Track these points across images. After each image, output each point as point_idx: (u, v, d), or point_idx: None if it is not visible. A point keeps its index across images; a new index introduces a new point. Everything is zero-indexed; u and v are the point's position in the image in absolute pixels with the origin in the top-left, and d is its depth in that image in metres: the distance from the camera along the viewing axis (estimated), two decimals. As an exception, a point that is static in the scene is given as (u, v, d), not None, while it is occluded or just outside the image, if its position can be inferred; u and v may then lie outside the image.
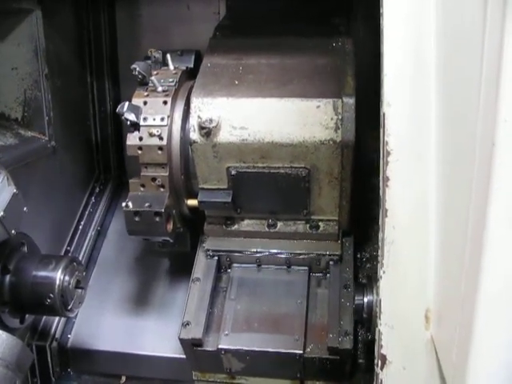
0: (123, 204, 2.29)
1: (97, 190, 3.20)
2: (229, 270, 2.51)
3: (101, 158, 3.25)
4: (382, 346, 1.32)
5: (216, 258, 2.49)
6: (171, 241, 2.43)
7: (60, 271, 2.17)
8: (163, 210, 2.27)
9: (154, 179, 2.33)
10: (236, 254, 2.48)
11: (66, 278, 2.18)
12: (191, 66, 2.60)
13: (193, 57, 2.63)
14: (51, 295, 2.14)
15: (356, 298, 1.88)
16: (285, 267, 2.47)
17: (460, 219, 1.11)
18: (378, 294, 1.34)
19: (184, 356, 2.35)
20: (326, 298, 2.35)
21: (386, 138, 1.28)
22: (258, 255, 2.46)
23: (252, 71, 2.38)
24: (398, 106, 1.29)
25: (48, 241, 2.73)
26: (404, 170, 1.29)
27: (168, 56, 2.48)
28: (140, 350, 2.62)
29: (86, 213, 3.08)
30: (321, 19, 2.70)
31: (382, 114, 1.32)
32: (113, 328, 2.70)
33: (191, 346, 2.28)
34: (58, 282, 2.15)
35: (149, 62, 2.49)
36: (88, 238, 3.01)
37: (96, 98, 3.17)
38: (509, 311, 1.02)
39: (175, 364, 2.58)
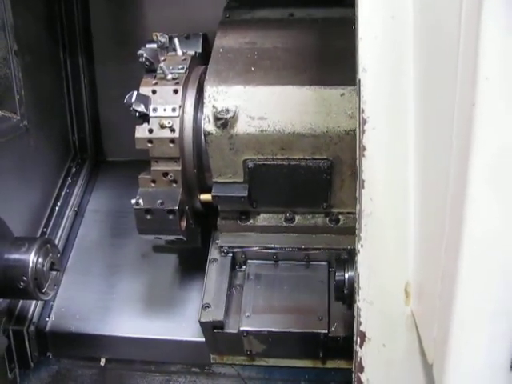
0: (132, 201, 2.18)
1: (73, 169, 3.11)
2: (243, 267, 2.45)
3: (76, 136, 3.15)
4: (360, 323, 1.28)
5: (230, 254, 2.42)
6: (184, 239, 2.33)
7: (33, 253, 2.10)
8: (177, 208, 2.16)
9: (165, 174, 2.21)
10: (252, 250, 2.41)
11: (40, 260, 2.12)
12: (199, 50, 2.44)
13: (200, 40, 2.46)
14: (24, 278, 2.08)
15: (337, 273, 1.84)
16: (303, 262, 2.40)
17: (439, 188, 1.06)
18: (356, 269, 1.29)
19: (161, 337, 2.31)
20: None
21: (361, 106, 1.22)
22: (274, 251, 2.40)
23: (268, 57, 2.26)
24: (373, 72, 1.23)
25: (23, 223, 2.65)
26: (381, 139, 1.23)
27: (176, 40, 2.32)
28: (120, 332, 2.56)
29: (63, 193, 2.99)
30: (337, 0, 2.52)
31: (357, 80, 1.25)
32: (93, 310, 2.63)
33: (212, 328, 2.23)
34: (31, 265, 2.09)
35: (154, 46, 2.30)
36: (65, 219, 2.92)
37: (70, 75, 3.05)
38: (490, 282, 0.97)
39: (157, 345, 2.52)
